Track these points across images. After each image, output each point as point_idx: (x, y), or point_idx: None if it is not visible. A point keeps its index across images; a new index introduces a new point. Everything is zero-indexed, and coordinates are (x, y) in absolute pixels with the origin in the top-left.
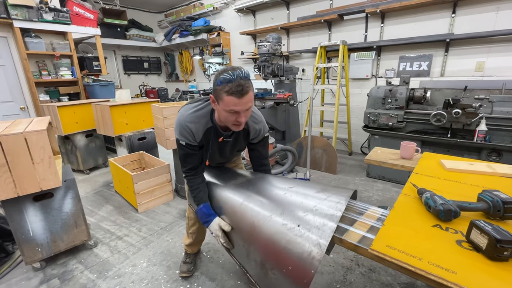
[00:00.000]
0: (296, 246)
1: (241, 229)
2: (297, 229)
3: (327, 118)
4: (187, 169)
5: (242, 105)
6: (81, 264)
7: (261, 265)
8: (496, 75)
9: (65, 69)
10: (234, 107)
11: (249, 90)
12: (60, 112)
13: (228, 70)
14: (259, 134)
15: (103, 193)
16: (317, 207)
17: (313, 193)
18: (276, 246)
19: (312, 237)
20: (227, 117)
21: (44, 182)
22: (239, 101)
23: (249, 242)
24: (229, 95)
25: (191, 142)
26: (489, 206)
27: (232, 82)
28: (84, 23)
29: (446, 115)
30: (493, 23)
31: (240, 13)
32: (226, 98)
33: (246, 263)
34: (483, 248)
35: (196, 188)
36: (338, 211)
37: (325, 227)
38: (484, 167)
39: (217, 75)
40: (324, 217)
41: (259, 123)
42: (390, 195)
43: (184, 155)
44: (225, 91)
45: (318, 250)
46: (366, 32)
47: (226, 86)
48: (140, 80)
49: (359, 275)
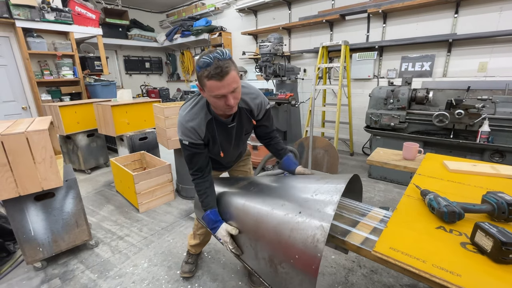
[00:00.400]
0: (300, 232)
1: (246, 229)
2: (298, 216)
3: (328, 118)
4: (194, 171)
5: (225, 88)
6: (82, 264)
7: (270, 262)
8: (499, 75)
9: (67, 69)
10: (218, 91)
11: (230, 70)
12: (62, 112)
13: (206, 53)
14: (261, 107)
15: (104, 193)
16: (316, 192)
17: (313, 181)
18: (281, 237)
19: (314, 220)
20: (216, 103)
21: (45, 182)
22: (221, 84)
23: (255, 240)
24: (209, 79)
25: (195, 141)
26: (493, 208)
27: (210, 65)
28: (86, 23)
29: (449, 115)
30: (496, 23)
31: (242, 13)
32: (208, 83)
33: (257, 265)
34: (488, 251)
35: (203, 193)
36: (338, 192)
37: (326, 208)
38: (488, 168)
39: (197, 61)
40: (324, 200)
41: (257, 97)
42: (392, 196)
43: (189, 156)
44: (205, 76)
45: (322, 232)
46: (368, 32)
47: (205, 71)
48: (141, 80)
49: (361, 276)
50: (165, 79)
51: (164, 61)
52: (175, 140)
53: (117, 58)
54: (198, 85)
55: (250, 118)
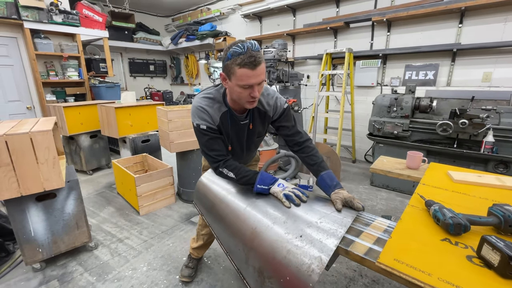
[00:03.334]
0: (297, 257)
1: (242, 234)
2: (299, 240)
3: (331, 125)
4: (218, 156)
5: (256, 77)
6: (81, 266)
7: (259, 272)
8: (503, 86)
9: (72, 70)
10: (247, 81)
11: (262, 61)
12: (66, 113)
13: (237, 43)
14: (277, 108)
15: (105, 194)
16: (322, 220)
17: (321, 205)
18: (276, 255)
19: (313, 249)
20: (240, 93)
21: (47, 183)
22: (253, 73)
23: (249, 248)
24: (242, 67)
25: (212, 125)
26: (500, 221)
27: (243, 54)
28: (93, 25)
29: (453, 125)
30: (501, 34)
31: (247, 19)
32: (239, 71)
33: (244, 269)
34: (495, 265)
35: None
36: (343, 227)
37: (328, 241)
38: (493, 180)
39: (226, 50)
40: (328, 231)
41: (272, 97)
42: (394, 204)
43: (210, 141)
44: (237, 64)
45: (319, 264)
46: (372, 40)
47: (238, 59)
48: (145, 83)
49: (362, 286)
50: (169, 82)
51: (169, 65)
52: (178, 143)
53: (122, 61)
54: (223, 74)
55: (264, 120)
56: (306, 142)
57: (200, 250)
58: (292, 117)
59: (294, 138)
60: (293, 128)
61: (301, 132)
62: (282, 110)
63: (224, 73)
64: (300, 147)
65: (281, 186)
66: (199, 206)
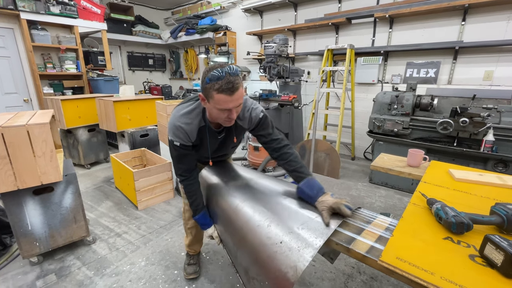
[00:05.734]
0: (276, 262)
1: (233, 231)
2: (278, 246)
3: (331, 121)
4: (183, 171)
5: (234, 102)
6: (78, 260)
7: (245, 271)
8: (504, 85)
9: (70, 63)
10: (225, 105)
11: (239, 86)
12: (64, 106)
13: (216, 67)
14: (252, 119)
15: (103, 188)
16: (304, 226)
17: (305, 208)
18: (258, 258)
19: (291, 257)
20: (219, 114)
21: (44, 176)
22: (231, 98)
23: (237, 246)
24: (219, 93)
25: (185, 143)
26: (503, 220)
27: (221, 79)
28: (91, 17)
29: (453, 123)
30: (504, 32)
31: (247, 13)
32: (217, 96)
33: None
34: (498, 265)
35: (193, 195)
36: (323, 236)
37: (306, 250)
38: (495, 179)
39: (205, 73)
40: (307, 239)
41: (248, 110)
42: (393, 202)
43: (178, 157)
44: (215, 89)
45: (294, 273)
46: (374, 36)
47: (215, 84)
48: (144, 77)
49: (361, 283)
50: (168, 76)
51: (168, 59)
52: None
53: (121, 54)
54: (202, 95)
55: (240, 132)
56: (283, 148)
57: (194, 246)
58: (270, 125)
59: (271, 145)
60: (269, 136)
61: (279, 138)
62: (258, 121)
63: (203, 95)
64: (278, 153)
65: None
66: None
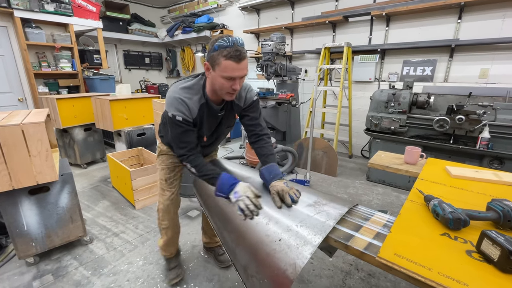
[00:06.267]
0: (275, 261)
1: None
2: (277, 244)
3: (328, 120)
4: (187, 150)
5: (239, 71)
6: (75, 260)
7: (244, 268)
8: (499, 82)
9: (65, 61)
10: (231, 73)
11: (246, 56)
12: (59, 105)
13: (223, 37)
14: (247, 99)
15: (100, 188)
16: (302, 223)
17: (304, 205)
18: (257, 256)
19: (290, 255)
20: (223, 85)
21: (40, 176)
22: (237, 66)
23: (236, 244)
24: (228, 59)
25: (188, 118)
26: (499, 216)
27: (230, 47)
28: (86, 15)
29: (449, 121)
30: (499, 30)
31: (244, 11)
32: (224, 62)
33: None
34: (494, 260)
35: (203, 165)
36: (322, 233)
37: (305, 247)
38: (491, 175)
39: (213, 42)
40: (306, 237)
41: (245, 90)
42: (390, 199)
43: (181, 133)
44: (223, 55)
45: (293, 271)
46: (371, 35)
47: (224, 51)
48: (140, 75)
49: (358, 280)
50: (165, 75)
51: (164, 57)
52: None
53: (117, 53)
54: (207, 63)
55: (235, 111)
56: (264, 136)
57: (170, 247)
58: (259, 110)
59: (254, 129)
60: (255, 120)
61: (262, 125)
62: (251, 102)
63: (209, 63)
64: (257, 138)
65: (236, 195)
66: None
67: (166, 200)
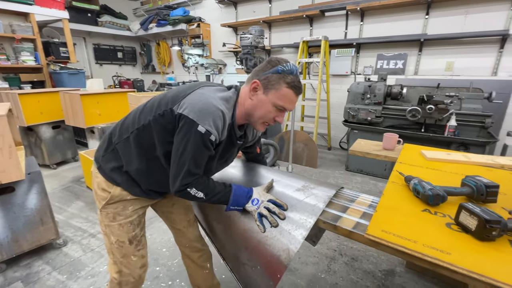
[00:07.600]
0: (267, 248)
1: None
2: (268, 230)
3: (307, 113)
4: (198, 173)
5: (293, 104)
6: (48, 265)
7: (235, 257)
8: (463, 74)
9: (27, 54)
10: (288, 104)
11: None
12: (22, 101)
13: (285, 61)
14: (255, 134)
15: (73, 188)
16: (292, 209)
17: (293, 189)
18: (248, 245)
19: (282, 240)
20: (269, 113)
21: (4, 175)
22: (296, 99)
23: (225, 234)
24: (290, 88)
25: (218, 139)
26: (473, 191)
27: (293, 75)
28: (50, 4)
29: (421, 110)
30: (462, 26)
31: (221, 4)
32: (286, 90)
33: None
34: (472, 229)
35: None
36: (313, 216)
37: (298, 231)
38: (461, 157)
39: (273, 63)
40: (297, 221)
41: None
42: (369, 187)
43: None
44: (286, 82)
45: (287, 256)
46: (346, 29)
47: (288, 77)
48: (113, 71)
49: (343, 264)
50: (139, 70)
51: (138, 52)
52: None
53: (86, 46)
54: (258, 82)
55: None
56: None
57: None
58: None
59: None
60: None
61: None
62: (258, 138)
63: (262, 84)
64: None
65: (255, 203)
66: None
67: (134, 270)
